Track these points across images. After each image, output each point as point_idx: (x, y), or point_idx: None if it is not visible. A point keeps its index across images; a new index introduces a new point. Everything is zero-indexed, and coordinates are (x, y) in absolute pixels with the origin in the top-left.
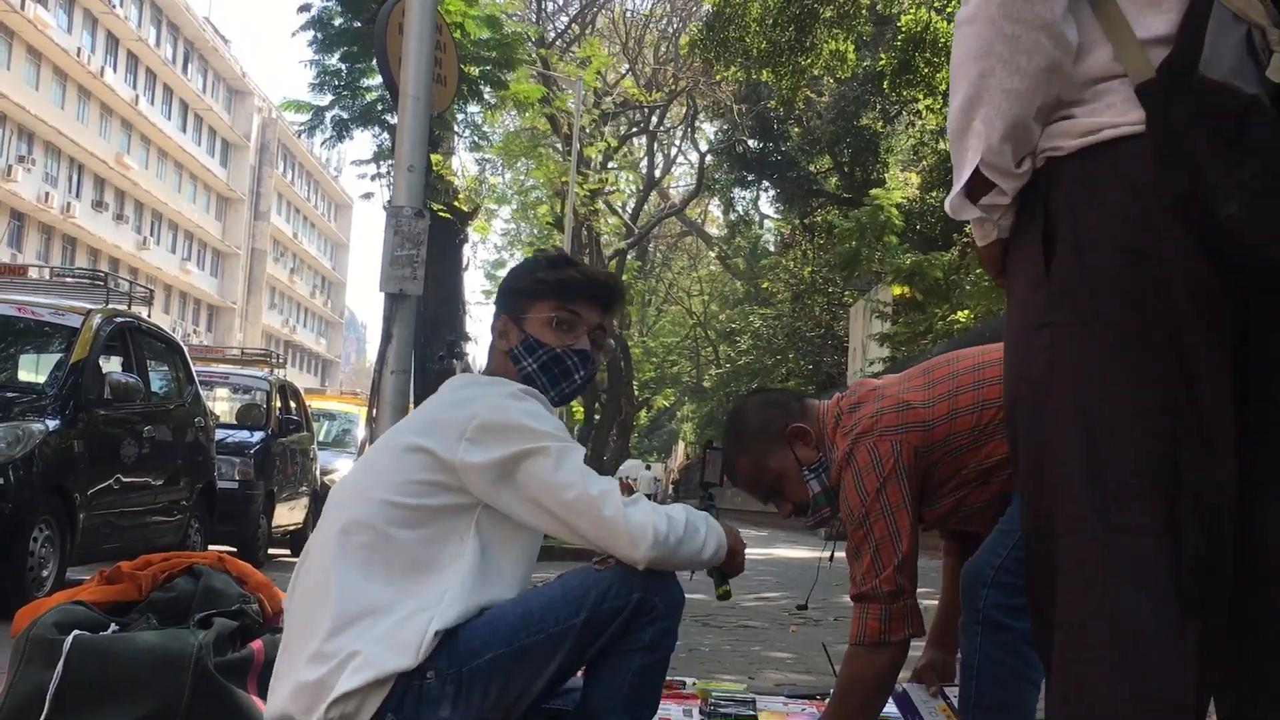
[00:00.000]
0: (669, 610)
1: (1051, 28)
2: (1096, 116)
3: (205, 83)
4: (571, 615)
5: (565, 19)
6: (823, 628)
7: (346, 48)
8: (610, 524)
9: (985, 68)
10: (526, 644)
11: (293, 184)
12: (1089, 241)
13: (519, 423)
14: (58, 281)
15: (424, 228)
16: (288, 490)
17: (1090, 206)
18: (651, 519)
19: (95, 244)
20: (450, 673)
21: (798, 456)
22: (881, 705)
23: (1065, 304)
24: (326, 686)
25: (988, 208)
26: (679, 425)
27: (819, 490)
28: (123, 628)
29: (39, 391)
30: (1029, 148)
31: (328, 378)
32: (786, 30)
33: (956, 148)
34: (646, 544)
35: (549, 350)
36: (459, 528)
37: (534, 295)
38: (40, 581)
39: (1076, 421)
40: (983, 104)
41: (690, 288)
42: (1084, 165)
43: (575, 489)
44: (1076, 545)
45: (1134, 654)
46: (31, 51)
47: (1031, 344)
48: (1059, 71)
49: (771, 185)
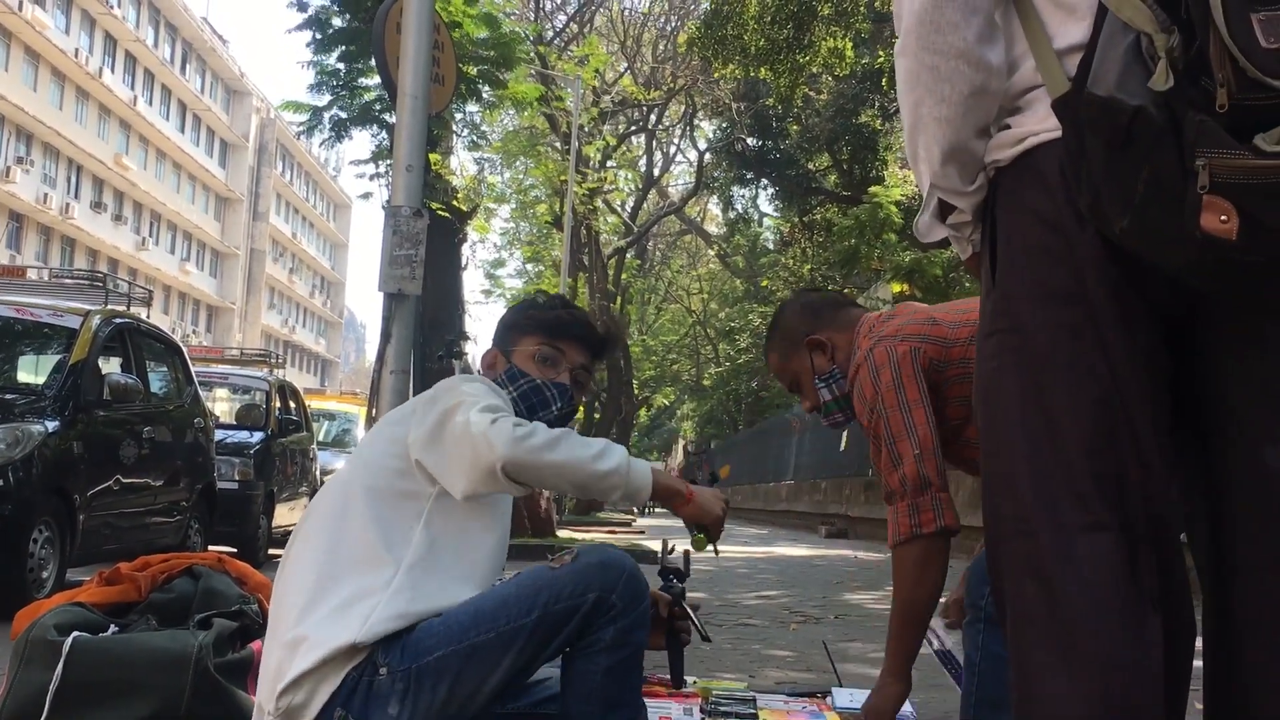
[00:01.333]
0: (629, 607)
1: (968, 55)
2: (1025, 125)
3: (203, 83)
4: (523, 615)
5: (563, 17)
6: (823, 625)
7: (345, 47)
8: (479, 436)
9: (916, 98)
10: (476, 642)
11: (291, 184)
12: (1017, 248)
13: (455, 390)
14: (56, 283)
15: (423, 227)
16: (288, 490)
17: (1016, 212)
18: (512, 423)
19: (94, 245)
20: (401, 669)
21: (813, 364)
22: (930, 607)
23: (1003, 312)
24: (281, 673)
25: (955, 226)
26: (679, 424)
27: (829, 398)
28: (122, 629)
29: (38, 393)
30: (977, 165)
31: (327, 378)
32: (785, 28)
33: (914, 170)
34: (502, 444)
35: (529, 381)
36: (412, 514)
37: (523, 330)
38: (40, 583)
39: (1020, 425)
40: (921, 132)
41: (690, 286)
42: (1014, 173)
43: (464, 417)
44: (1024, 544)
45: (1088, 652)
46: (29, 52)
47: (982, 353)
48: (985, 94)
49: (770, 183)
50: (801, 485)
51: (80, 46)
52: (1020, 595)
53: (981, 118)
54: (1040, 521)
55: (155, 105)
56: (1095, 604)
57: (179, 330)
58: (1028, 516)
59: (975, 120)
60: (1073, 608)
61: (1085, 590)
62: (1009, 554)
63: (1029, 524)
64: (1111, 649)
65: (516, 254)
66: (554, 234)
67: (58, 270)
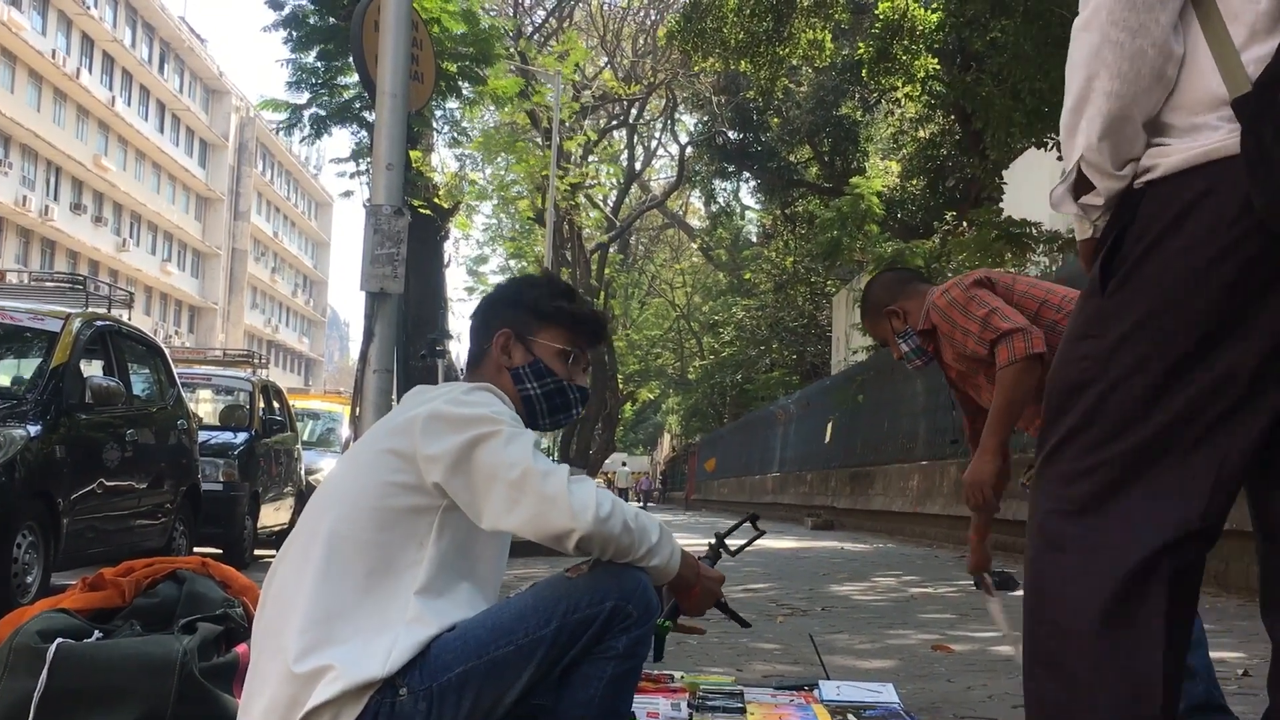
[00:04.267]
0: (643, 618)
1: (1157, 37)
2: (1197, 142)
3: (182, 83)
4: (542, 625)
5: (542, 13)
6: (810, 618)
7: (323, 45)
8: (553, 497)
9: (1092, 71)
10: (496, 656)
11: (272, 183)
12: (1150, 264)
13: (474, 412)
14: (36, 286)
15: (404, 226)
16: (273, 491)
17: (1162, 231)
18: (595, 496)
19: (74, 247)
20: (422, 689)
21: (892, 326)
22: (1022, 406)
23: (1111, 318)
24: (298, 703)
25: (1085, 206)
26: (664, 418)
27: (907, 349)
28: (107, 635)
29: (19, 397)
30: (1130, 152)
31: (311, 377)
32: (764, 20)
33: (1066, 145)
34: (588, 516)
35: (556, 380)
36: (419, 531)
37: (548, 320)
38: (25, 588)
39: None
40: (1087, 104)
41: (673, 280)
42: (1170, 192)
43: (521, 466)
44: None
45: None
46: (6, 54)
47: (1073, 351)
48: (1161, 79)
49: (752, 176)
50: (787, 477)
51: (57, 47)
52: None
53: (1151, 102)
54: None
55: (134, 105)
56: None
57: (161, 331)
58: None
59: (1145, 104)
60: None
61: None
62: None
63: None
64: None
65: (499, 250)
66: (536, 229)
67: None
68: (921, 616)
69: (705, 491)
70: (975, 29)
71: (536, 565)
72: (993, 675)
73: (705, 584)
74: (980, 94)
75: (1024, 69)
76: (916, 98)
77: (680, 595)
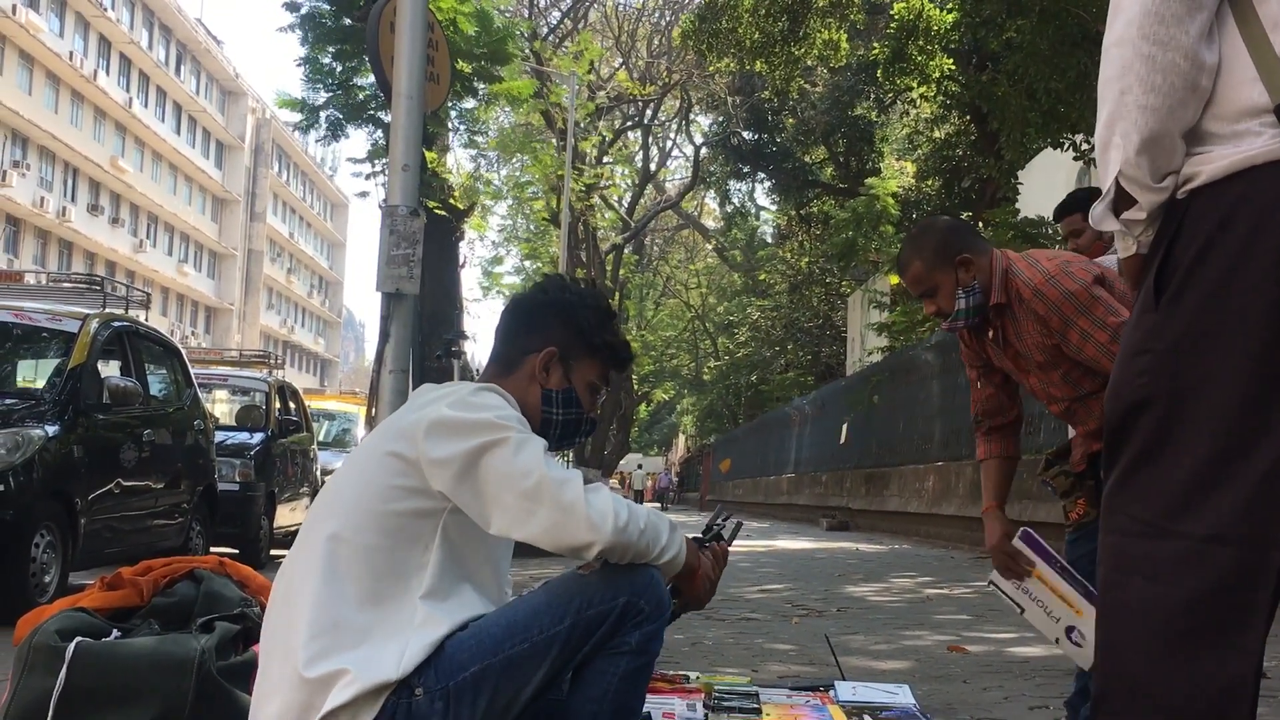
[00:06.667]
0: (655, 613)
1: (1187, 49)
2: (1233, 146)
3: (199, 84)
4: (556, 622)
5: (557, 14)
6: (826, 619)
7: (339, 46)
8: (570, 508)
9: (1125, 85)
10: (512, 654)
11: (288, 184)
12: (1204, 272)
13: (480, 417)
14: (54, 287)
15: (419, 226)
16: (289, 491)
17: (1211, 237)
18: (613, 505)
19: (92, 248)
20: (438, 689)
21: (959, 278)
22: None
23: (1170, 331)
24: (313, 707)
25: (1127, 222)
26: (679, 418)
27: (964, 306)
28: (125, 634)
29: (38, 397)
30: (1169, 164)
31: (327, 377)
32: (779, 20)
33: (1101, 161)
34: (608, 528)
35: (580, 413)
36: (424, 535)
37: (592, 350)
38: (43, 587)
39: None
40: (1121, 119)
41: (688, 281)
42: (1216, 198)
43: (535, 475)
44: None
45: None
46: (24, 56)
47: (1130, 368)
48: (1195, 90)
49: (767, 176)
50: (802, 478)
51: (75, 50)
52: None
53: (1187, 115)
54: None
55: (150, 107)
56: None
57: (178, 332)
58: (1152, 521)
59: (1180, 116)
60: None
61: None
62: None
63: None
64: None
65: (514, 251)
66: (551, 230)
67: (55, 274)
68: (937, 617)
69: (720, 492)
70: (991, 29)
71: (551, 566)
72: (1009, 676)
73: (706, 567)
74: (996, 94)
75: (1040, 69)
76: (932, 98)
77: (685, 584)
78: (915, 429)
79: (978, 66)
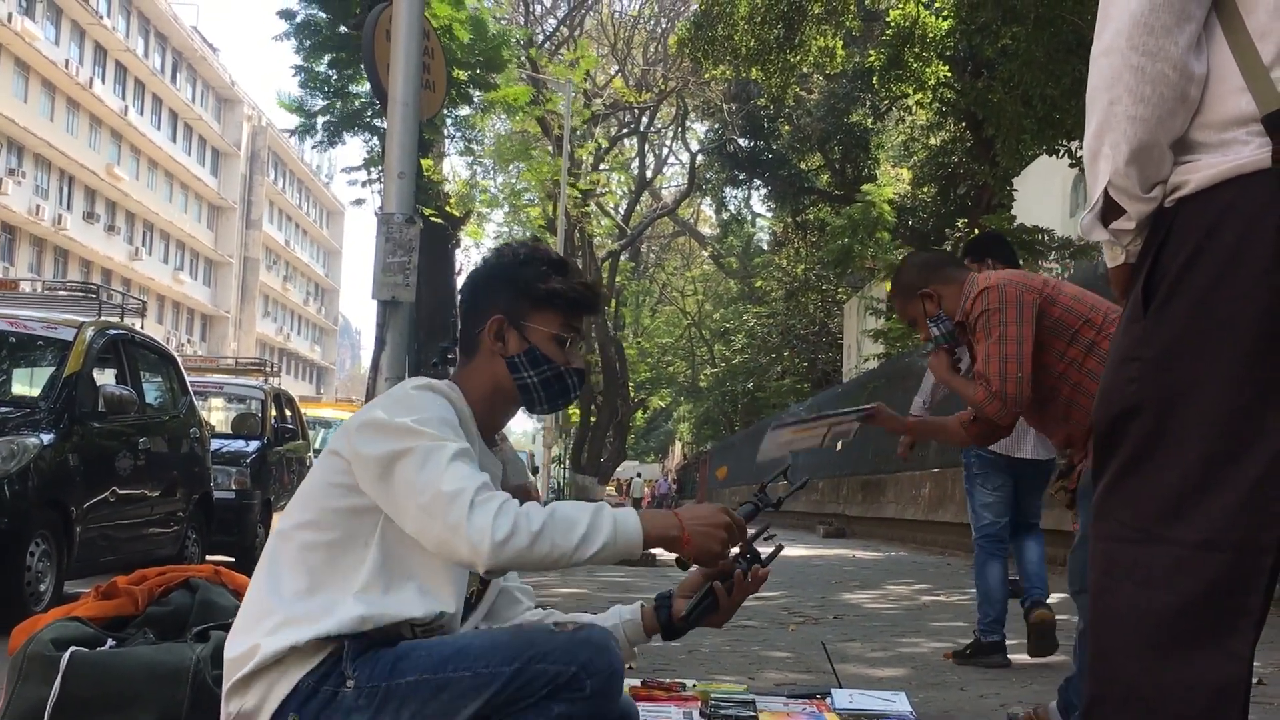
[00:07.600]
0: (594, 696)
1: (1176, 60)
2: (1220, 155)
3: (194, 92)
4: (504, 663)
5: (553, 21)
6: (822, 626)
7: (335, 54)
8: (455, 527)
9: (1114, 95)
10: (451, 677)
11: (284, 191)
12: (1192, 279)
13: (398, 422)
14: (50, 295)
15: (415, 234)
16: (285, 499)
17: (1200, 245)
18: (491, 522)
19: (87, 256)
20: (369, 686)
21: (925, 309)
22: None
23: (1158, 338)
24: (229, 678)
25: (1115, 232)
26: (675, 425)
27: (937, 334)
28: (120, 643)
29: (33, 405)
30: (1158, 174)
31: (323, 385)
32: (775, 28)
33: (1090, 171)
34: (485, 548)
35: (554, 367)
36: (363, 532)
37: (540, 302)
38: (38, 596)
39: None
40: (1110, 130)
41: (684, 288)
42: (1204, 206)
43: (430, 491)
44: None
45: None
46: (19, 64)
47: (1119, 375)
48: (1184, 101)
49: (763, 183)
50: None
51: (70, 57)
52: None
53: (1175, 125)
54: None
55: (146, 115)
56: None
57: (173, 340)
58: (1143, 528)
59: (1169, 125)
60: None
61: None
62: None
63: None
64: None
65: None
66: (547, 237)
67: (51, 282)
68: (934, 625)
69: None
70: (986, 36)
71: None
72: (1005, 684)
73: (693, 527)
74: (991, 101)
75: (1035, 76)
76: (927, 105)
77: (679, 551)
78: None
79: (973, 73)
